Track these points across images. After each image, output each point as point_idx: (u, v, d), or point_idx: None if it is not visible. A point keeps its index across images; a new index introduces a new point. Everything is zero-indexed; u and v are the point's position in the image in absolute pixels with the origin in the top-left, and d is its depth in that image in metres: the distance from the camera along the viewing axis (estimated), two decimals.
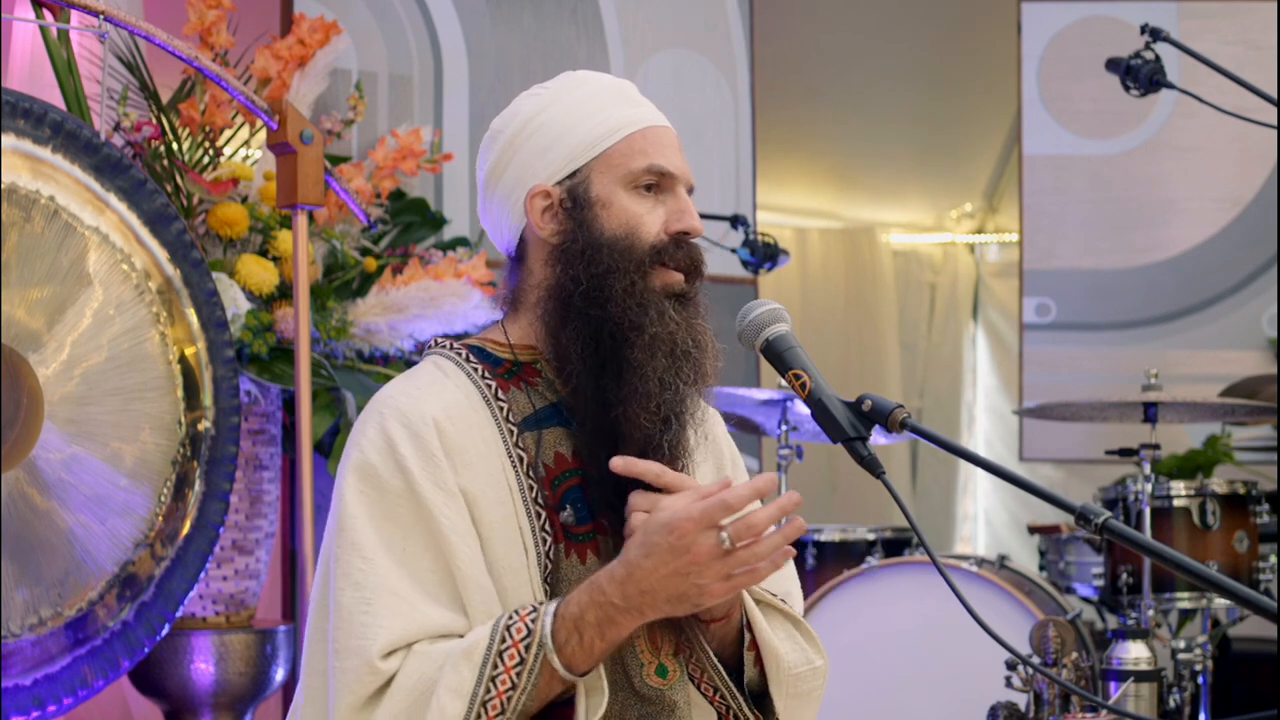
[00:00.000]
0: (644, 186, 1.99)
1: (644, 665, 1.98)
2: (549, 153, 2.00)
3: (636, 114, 2.01)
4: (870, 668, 3.86)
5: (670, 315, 1.95)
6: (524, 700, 1.82)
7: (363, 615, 1.87)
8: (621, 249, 1.95)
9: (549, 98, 2.04)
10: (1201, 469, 5.18)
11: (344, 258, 3.70)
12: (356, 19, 4.26)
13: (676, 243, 1.98)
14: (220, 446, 3.09)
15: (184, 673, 3.33)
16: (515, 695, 1.82)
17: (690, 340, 1.96)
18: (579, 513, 1.98)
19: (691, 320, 1.97)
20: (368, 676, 1.85)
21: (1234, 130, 4.43)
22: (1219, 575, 1.64)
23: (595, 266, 1.95)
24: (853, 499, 6.41)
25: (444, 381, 1.99)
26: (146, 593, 2.99)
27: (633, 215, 1.97)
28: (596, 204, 1.97)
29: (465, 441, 1.94)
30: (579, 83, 2.05)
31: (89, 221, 2.93)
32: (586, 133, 1.99)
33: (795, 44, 6.15)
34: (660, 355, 1.93)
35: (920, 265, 7.22)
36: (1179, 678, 3.94)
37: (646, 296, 1.95)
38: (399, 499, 1.91)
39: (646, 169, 1.98)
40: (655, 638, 1.99)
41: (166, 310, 3.04)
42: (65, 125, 2.90)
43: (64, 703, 2.86)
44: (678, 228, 1.98)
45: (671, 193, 2.00)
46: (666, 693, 1.99)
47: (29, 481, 2.82)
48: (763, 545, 1.75)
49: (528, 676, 1.81)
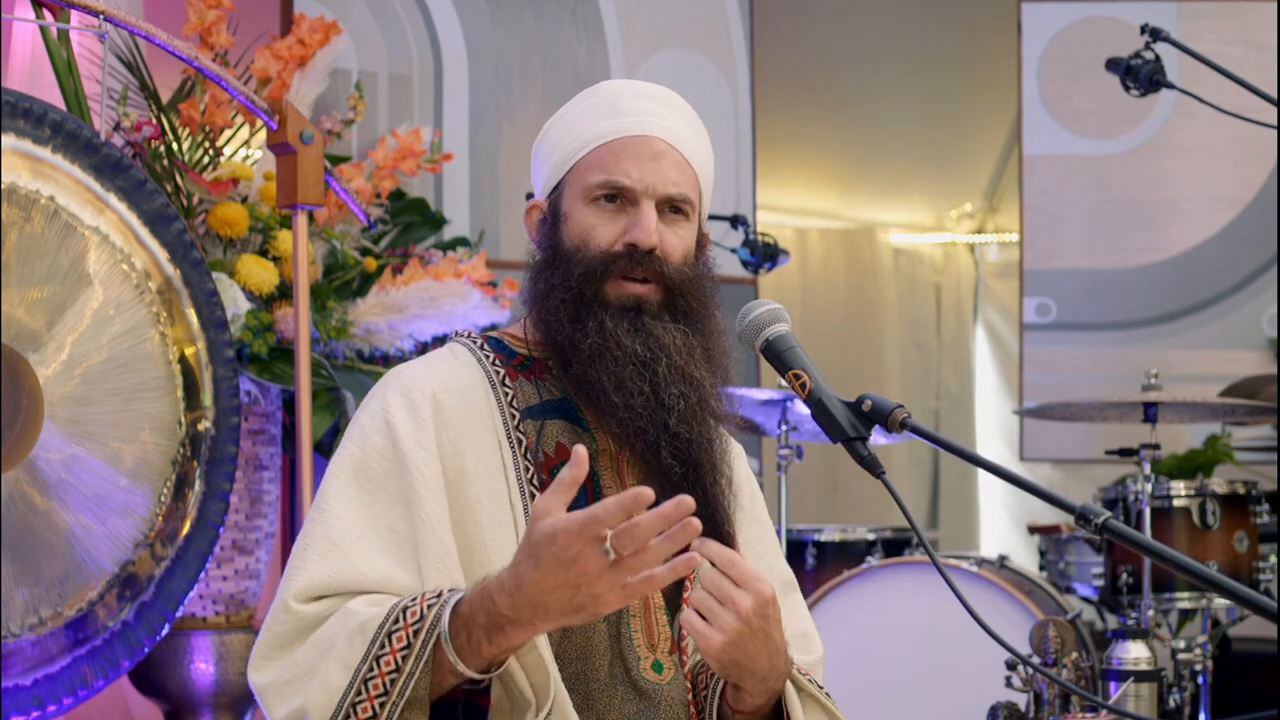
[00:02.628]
0: (604, 198, 2.00)
1: (641, 660, 1.99)
2: (545, 167, 2.07)
3: (613, 126, 2.02)
4: (870, 668, 3.86)
5: (608, 326, 1.96)
6: (411, 686, 1.78)
7: (298, 560, 1.91)
8: (574, 260, 1.99)
9: (561, 111, 2.10)
10: (1201, 469, 5.17)
11: (344, 258, 3.70)
12: (356, 19, 4.26)
13: (629, 254, 1.98)
14: (220, 446, 3.09)
15: (184, 673, 3.33)
16: (399, 679, 1.79)
17: (640, 344, 1.96)
18: (579, 504, 1.98)
19: (643, 326, 1.97)
20: (282, 615, 1.88)
21: (1234, 130, 4.43)
22: (1219, 575, 1.64)
23: (555, 276, 2.00)
24: (853, 499, 6.41)
25: (453, 362, 2.04)
26: (146, 593, 2.99)
27: (586, 227, 2.00)
28: (562, 217, 2.02)
29: (461, 416, 1.97)
30: (590, 94, 2.09)
31: (89, 221, 2.93)
32: (565, 148, 2.04)
33: (795, 44, 6.15)
34: (607, 365, 1.95)
35: (921, 265, 7.22)
36: (1179, 678, 3.94)
37: (581, 310, 1.97)
38: (378, 457, 1.94)
39: (600, 183, 2.00)
40: (652, 634, 2.00)
41: (166, 310, 3.04)
42: (65, 125, 2.90)
43: (64, 703, 2.86)
44: (626, 239, 1.99)
45: (635, 204, 2.00)
46: (665, 688, 1.99)
47: (29, 481, 2.82)
48: (650, 553, 1.68)
49: (414, 662, 1.78)
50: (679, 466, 1.95)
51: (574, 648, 1.97)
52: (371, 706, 1.79)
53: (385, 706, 1.79)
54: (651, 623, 2.00)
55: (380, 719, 1.79)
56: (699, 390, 1.98)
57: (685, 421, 1.96)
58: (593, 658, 1.98)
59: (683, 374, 1.97)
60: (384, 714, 1.79)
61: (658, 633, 2.01)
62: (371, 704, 1.79)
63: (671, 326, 1.98)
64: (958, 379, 7.20)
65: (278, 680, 1.87)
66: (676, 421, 1.95)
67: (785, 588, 2.16)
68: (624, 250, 1.98)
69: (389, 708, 1.79)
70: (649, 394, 1.95)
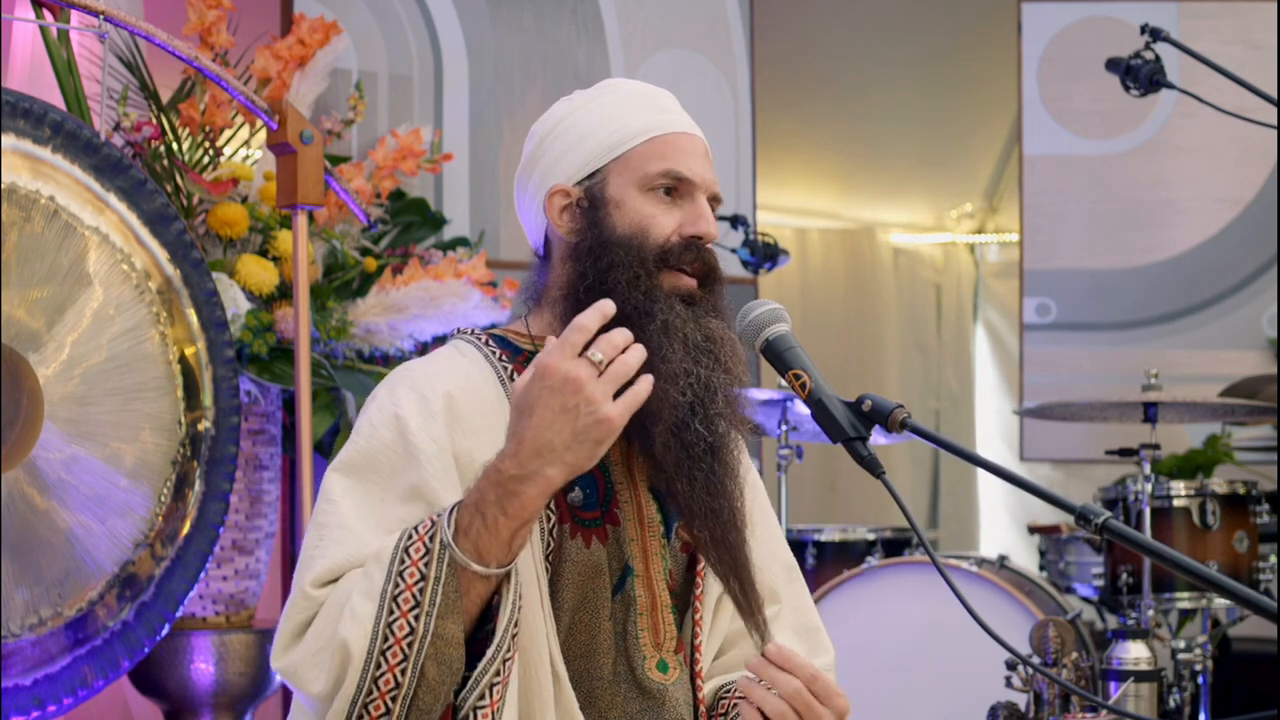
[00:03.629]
0: (660, 189, 2.01)
1: (646, 659, 1.99)
2: (571, 153, 2.04)
3: (662, 120, 2.04)
4: (870, 668, 3.86)
5: (678, 309, 1.96)
6: (441, 592, 1.78)
7: (312, 550, 1.89)
8: (630, 248, 1.97)
9: (581, 101, 2.08)
10: (1201, 469, 5.18)
11: (344, 258, 3.70)
12: (356, 19, 4.26)
13: (687, 245, 1.99)
14: (220, 446, 3.09)
15: (184, 673, 3.33)
16: (427, 587, 1.78)
17: (700, 334, 1.97)
18: (588, 498, 1.99)
19: (700, 318, 1.98)
20: (301, 602, 1.87)
21: (1234, 130, 4.43)
22: (1219, 575, 1.64)
23: (601, 262, 1.97)
24: (853, 499, 6.41)
25: (460, 360, 2.03)
26: (146, 593, 2.99)
27: (645, 215, 1.99)
28: (610, 204, 2.00)
29: (475, 412, 1.96)
30: (613, 89, 2.09)
31: (89, 221, 2.93)
32: (608, 135, 2.02)
33: (795, 43, 6.15)
34: (676, 342, 1.94)
35: (921, 265, 7.22)
36: (1179, 678, 3.94)
37: (653, 290, 1.96)
38: (386, 448, 1.93)
39: (662, 172, 2.00)
40: (658, 632, 2.00)
41: (166, 310, 3.04)
42: (65, 125, 2.90)
43: (64, 703, 2.86)
44: (691, 231, 2.00)
45: (690, 198, 2.02)
46: (670, 688, 1.99)
47: (29, 481, 2.82)
48: (631, 354, 1.77)
49: (437, 565, 1.78)
50: (700, 446, 1.94)
51: (579, 645, 1.97)
52: (407, 621, 1.77)
53: (420, 618, 1.77)
54: (658, 621, 2.00)
55: (418, 632, 1.77)
56: (732, 386, 1.99)
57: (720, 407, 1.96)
58: (597, 655, 1.97)
59: (726, 368, 1.98)
60: (420, 626, 1.77)
61: (664, 631, 2.00)
62: (406, 619, 1.77)
63: (719, 322, 2.00)
64: (958, 379, 7.20)
65: (307, 654, 1.84)
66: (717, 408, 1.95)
67: (789, 573, 2.17)
68: (683, 242, 1.99)
69: (424, 619, 1.77)
70: (699, 376, 1.95)
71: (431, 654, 1.78)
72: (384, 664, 1.77)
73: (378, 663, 1.77)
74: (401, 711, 1.78)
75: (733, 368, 1.98)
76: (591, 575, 1.98)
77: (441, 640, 1.78)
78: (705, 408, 1.94)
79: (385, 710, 1.78)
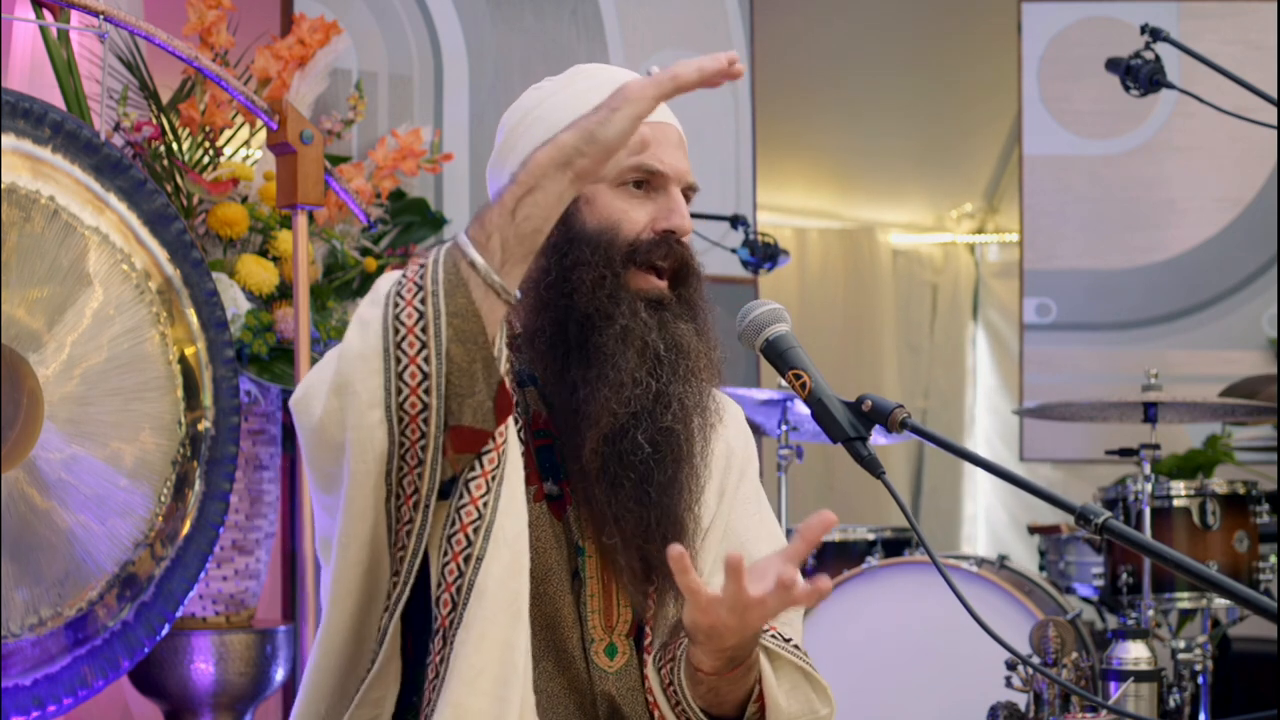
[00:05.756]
0: (632, 183, 1.95)
1: (595, 641, 1.95)
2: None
3: None
4: (870, 668, 3.86)
5: (642, 315, 1.91)
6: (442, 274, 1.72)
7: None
8: (598, 245, 1.92)
9: (551, 89, 2.03)
10: (1201, 469, 5.18)
11: (344, 258, 3.70)
12: (356, 19, 4.26)
13: (659, 240, 1.94)
14: (220, 446, 3.09)
15: (184, 673, 3.33)
16: (427, 271, 1.72)
17: (664, 343, 1.92)
18: (545, 472, 1.96)
19: (667, 324, 1.93)
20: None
21: (1234, 130, 4.43)
22: (1219, 575, 1.64)
23: (567, 259, 1.92)
24: (852, 499, 6.41)
25: None
26: (146, 593, 2.99)
27: (615, 211, 1.94)
28: (580, 199, 1.93)
29: None
30: (585, 76, 2.04)
31: (89, 221, 2.93)
32: None
33: (795, 43, 6.15)
34: (631, 350, 1.89)
35: (921, 265, 7.22)
36: (1179, 678, 3.94)
37: (618, 292, 1.91)
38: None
39: (633, 166, 1.94)
40: (610, 614, 1.97)
41: (166, 310, 3.04)
42: (65, 125, 2.90)
43: (64, 703, 2.86)
44: (664, 225, 1.94)
45: (663, 190, 1.97)
46: (611, 675, 1.95)
47: (29, 481, 2.82)
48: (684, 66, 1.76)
49: (434, 253, 1.74)
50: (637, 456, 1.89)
51: (544, 616, 1.92)
52: (414, 308, 1.72)
53: (427, 301, 1.72)
54: (611, 604, 1.96)
55: (427, 317, 1.71)
56: (698, 392, 1.95)
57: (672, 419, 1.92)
58: (561, 628, 1.94)
59: (687, 378, 1.93)
60: (429, 308, 1.71)
61: (617, 615, 1.97)
62: (411, 306, 1.72)
63: (688, 327, 1.95)
64: (949, 378, 7.20)
65: (308, 385, 1.78)
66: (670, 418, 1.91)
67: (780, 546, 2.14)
68: (656, 237, 1.94)
69: (430, 300, 1.72)
70: (649, 386, 1.90)
71: (451, 335, 1.71)
72: (403, 357, 1.72)
73: (397, 358, 1.72)
74: (439, 404, 1.72)
75: (697, 374, 1.93)
76: (553, 545, 1.94)
77: (457, 318, 1.71)
78: (653, 419, 1.89)
79: (423, 406, 1.72)
